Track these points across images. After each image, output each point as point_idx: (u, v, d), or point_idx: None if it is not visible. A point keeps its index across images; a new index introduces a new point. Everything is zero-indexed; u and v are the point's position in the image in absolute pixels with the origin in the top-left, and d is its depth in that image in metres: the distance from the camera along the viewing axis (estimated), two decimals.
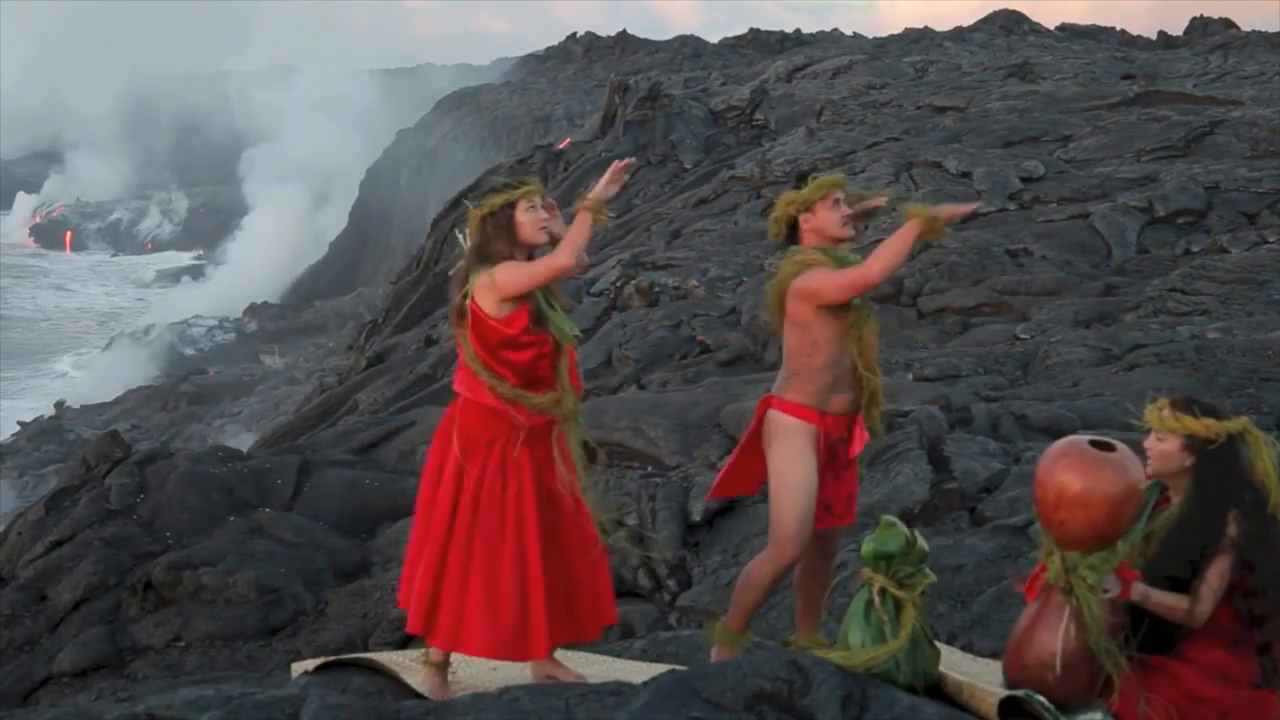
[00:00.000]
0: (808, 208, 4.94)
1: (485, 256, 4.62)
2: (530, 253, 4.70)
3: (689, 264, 21.99)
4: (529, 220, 4.65)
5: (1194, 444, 4.21)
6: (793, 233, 4.99)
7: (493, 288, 4.53)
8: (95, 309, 70.70)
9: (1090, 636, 4.05)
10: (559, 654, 4.93)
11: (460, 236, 4.77)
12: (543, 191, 4.74)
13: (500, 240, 4.63)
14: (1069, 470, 4.01)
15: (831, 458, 4.96)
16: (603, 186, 4.68)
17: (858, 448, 5.02)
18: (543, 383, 4.66)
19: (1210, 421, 4.20)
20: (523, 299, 4.59)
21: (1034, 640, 4.16)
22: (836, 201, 4.91)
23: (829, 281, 4.77)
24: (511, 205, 4.65)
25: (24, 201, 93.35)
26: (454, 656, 4.99)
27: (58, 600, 10.95)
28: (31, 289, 75.21)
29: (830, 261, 4.84)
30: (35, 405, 48.77)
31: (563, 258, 4.56)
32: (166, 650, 10.26)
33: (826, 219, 4.91)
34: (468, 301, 4.62)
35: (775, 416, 4.92)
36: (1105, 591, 4.06)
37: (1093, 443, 4.09)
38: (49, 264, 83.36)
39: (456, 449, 4.63)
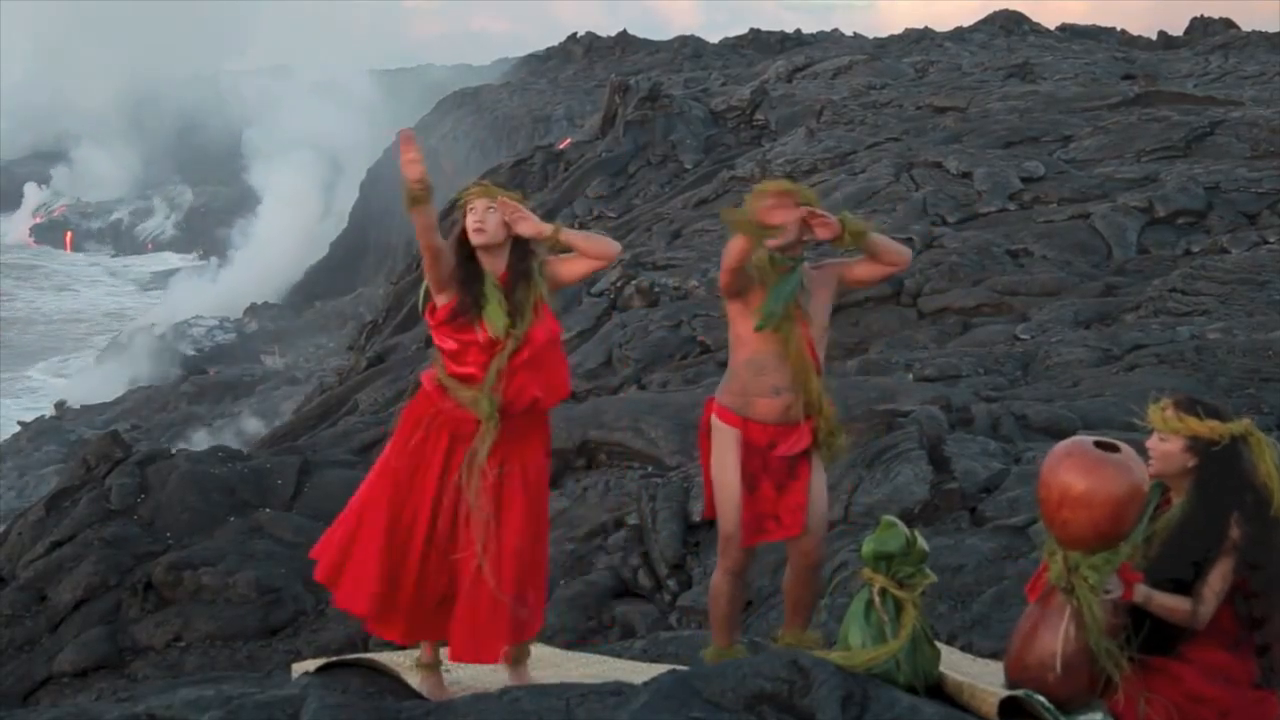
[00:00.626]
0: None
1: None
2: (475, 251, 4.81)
3: (689, 264, 21.99)
4: (467, 223, 4.80)
5: (1197, 445, 4.20)
6: None
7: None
8: (96, 309, 70.73)
9: (1091, 637, 4.04)
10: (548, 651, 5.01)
11: None
12: (483, 192, 4.83)
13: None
14: (1073, 470, 4.01)
15: (765, 466, 4.90)
16: (404, 169, 4.66)
17: (782, 450, 4.91)
18: (473, 380, 4.69)
19: (1214, 423, 4.19)
20: (454, 291, 4.71)
21: (1035, 640, 4.16)
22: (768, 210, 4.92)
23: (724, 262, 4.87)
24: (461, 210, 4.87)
25: (31, 195, 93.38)
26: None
27: (58, 600, 10.95)
28: (32, 289, 75.25)
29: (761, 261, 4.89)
30: (35, 405, 48.82)
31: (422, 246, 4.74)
32: (167, 650, 10.26)
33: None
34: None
35: (711, 418, 5.00)
36: (1107, 593, 4.05)
37: (1097, 443, 4.08)
38: (50, 264, 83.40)
39: (404, 429, 4.81)
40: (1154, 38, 54.36)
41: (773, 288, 4.87)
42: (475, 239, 4.75)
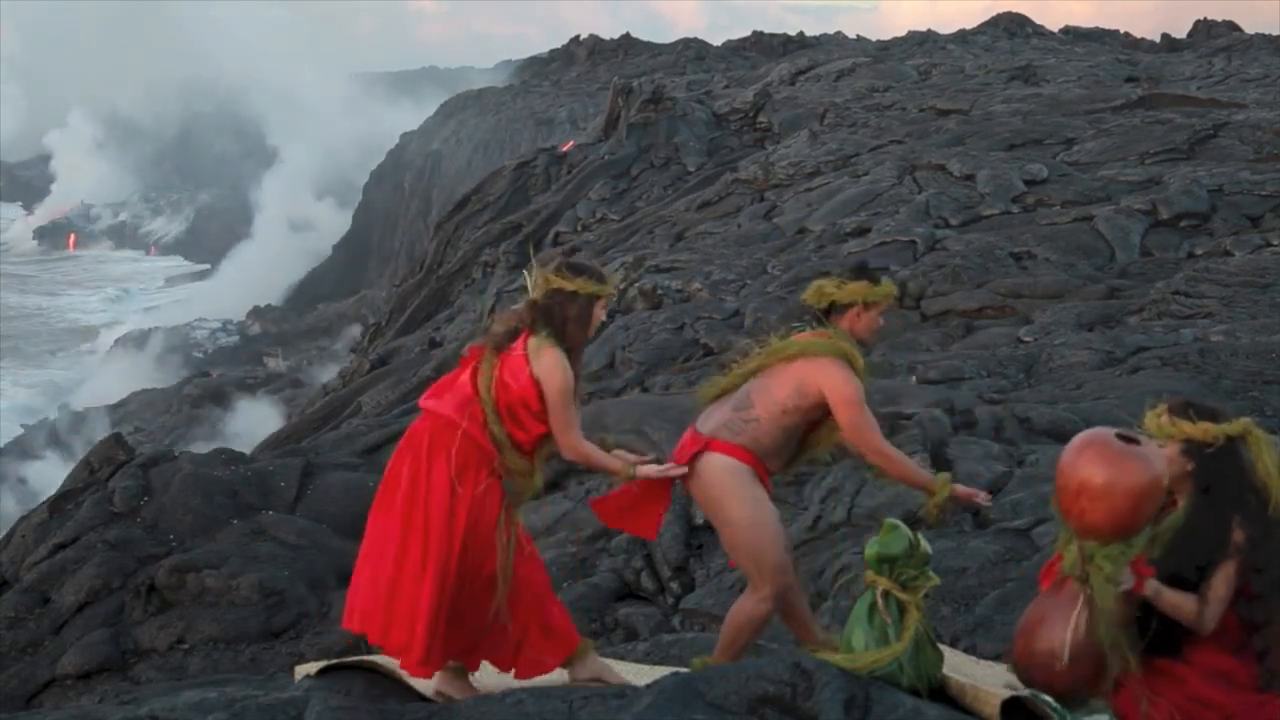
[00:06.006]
0: (868, 304, 4.99)
1: (559, 329, 4.76)
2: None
3: (692, 266, 22.00)
4: (598, 318, 4.86)
5: (1193, 448, 4.20)
6: (830, 313, 5.04)
7: (551, 374, 4.70)
8: (98, 311, 70.78)
9: (1101, 627, 4.04)
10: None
11: (528, 281, 4.88)
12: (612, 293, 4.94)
13: (578, 326, 4.81)
14: (1094, 462, 4.01)
15: None
16: (650, 470, 4.86)
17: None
18: (525, 453, 4.78)
19: (1207, 425, 4.20)
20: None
21: (1045, 628, 4.15)
22: (882, 310, 5.05)
23: (856, 413, 4.85)
24: (596, 298, 4.83)
25: (35, 197, 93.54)
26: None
27: (61, 603, 10.94)
28: (35, 291, 75.32)
29: (860, 366, 4.94)
30: (38, 408, 48.87)
31: (570, 454, 4.79)
32: (170, 653, 10.25)
33: (872, 323, 5.03)
34: (517, 345, 4.76)
35: (720, 460, 4.94)
36: (1119, 584, 4.05)
37: (1119, 435, 4.08)
38: (53, 266, 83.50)
39: (451, 471, 4.66)
40: (1157, 40, 54.35)
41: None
42: (589, 334, 4.87)
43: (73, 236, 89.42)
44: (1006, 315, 17.43)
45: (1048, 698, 4.11)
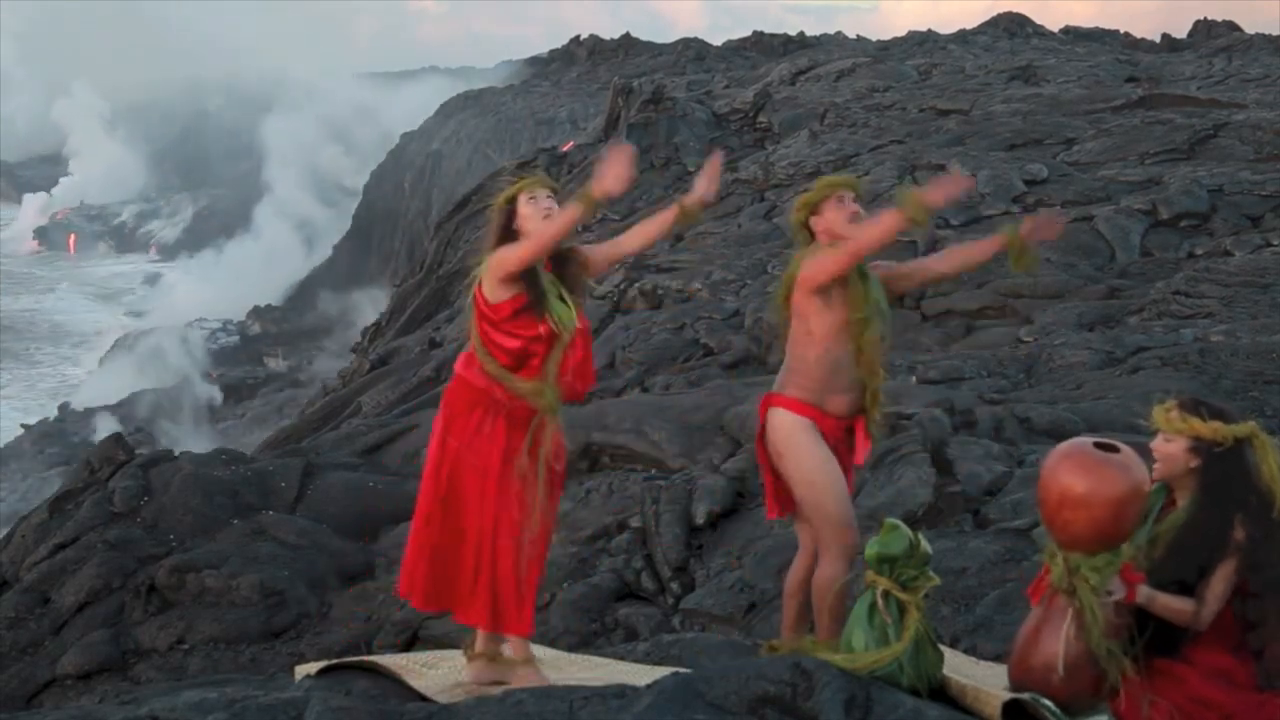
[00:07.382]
0: (814, 210, 4.99)
1: (492, 247, 4.79)
2: None
3: (692, 267, 22.00)
4: (529, 211, 4.78)
5: (1200, 446, 4.20)
6: (811, 236, 5.07)
7: (489, 271, 4.72)
8: (99, 312, 70.78)
9: (1092, 639, 4.04)
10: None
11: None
12: (544, 183, 4.87)
13: (505, 231, 4.79)
14: (1072, 471, 4.00)
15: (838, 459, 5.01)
16: (604, 182, 4.61)
17: (861, 457, 5.07)
18: (533, 370, 4.77)
19: (1218, 424, 4.19)
20: (520, 287, 4.70)
21: (1038, 643, 4.15)
22: (840, 199, 4.99)
23: (822, 259, 4.85)
24: (514, 199, 4.81)
25: (31, 203, 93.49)
26: (460, 659, 5.01)
27: (61, 603, 10.95)
28: (35, 291, 75.34)
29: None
30: (39, 408, 48.88)
31: (536, 237, 4.69)
32: (170, 653, 10.26)
33: (833, 218, 4.98)
34: (473, 285, 4.81)
35: (778, 414, 4.95)
36: (1109, 594, 4.05)
37: (1096, 444, 4.08)
38: (53, 266, 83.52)
39: (440, 423, 4.81)
40: (1157, 40, 54.29)
41: (872, 281, 5.00)
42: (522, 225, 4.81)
43: (73, 237, 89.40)
44: (1007, 315, 17.44)
45: (1048, 701, 4.11)
